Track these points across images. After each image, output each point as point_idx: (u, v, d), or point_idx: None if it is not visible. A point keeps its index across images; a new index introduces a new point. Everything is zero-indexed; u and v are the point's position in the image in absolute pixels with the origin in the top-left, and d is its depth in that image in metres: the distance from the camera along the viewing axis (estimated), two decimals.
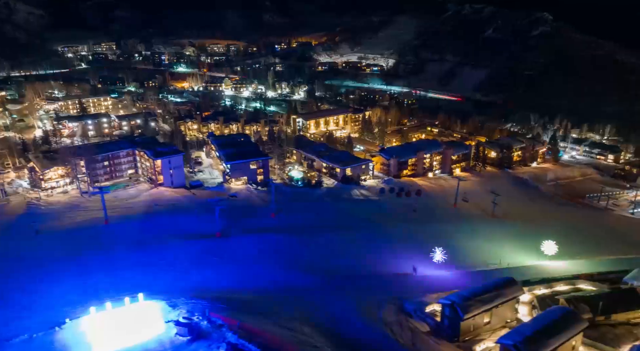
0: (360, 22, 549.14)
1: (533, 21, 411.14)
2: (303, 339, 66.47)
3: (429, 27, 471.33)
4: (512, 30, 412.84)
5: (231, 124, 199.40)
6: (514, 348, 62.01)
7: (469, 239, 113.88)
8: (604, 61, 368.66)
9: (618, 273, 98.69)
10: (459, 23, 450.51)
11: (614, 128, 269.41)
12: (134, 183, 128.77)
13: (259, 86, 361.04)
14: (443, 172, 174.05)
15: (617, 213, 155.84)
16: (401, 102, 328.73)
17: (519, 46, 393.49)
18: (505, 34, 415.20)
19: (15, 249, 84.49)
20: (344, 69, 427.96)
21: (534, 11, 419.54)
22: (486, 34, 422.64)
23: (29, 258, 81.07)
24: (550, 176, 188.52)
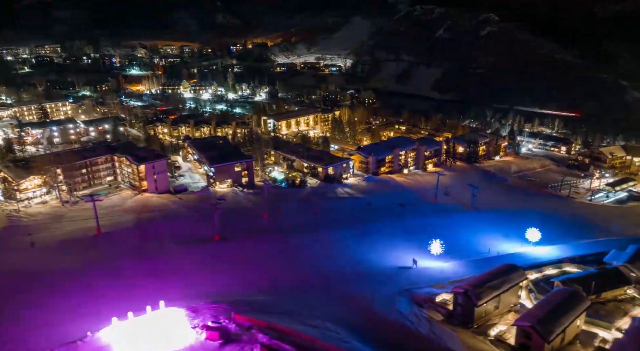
0: (315, 22, 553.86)
1: (481, 22, 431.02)
2: (330, 335, 67.53)
3: (383, 27, 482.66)
4: (462, 31, 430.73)
5: (202, 127, 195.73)
6: (532, 329, 66.15)
7: (455, 231, 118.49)
8: (546, 60, 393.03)
9: (596, 254, 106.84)
10: (411, 23, 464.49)
11: (562, 122, 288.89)
12: (115, 190, 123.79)
13: (218, 88, 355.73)
14: (417, 168, 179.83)
15: (578, 200, 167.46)
16: (362, 101, 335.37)
17: (469, 46, 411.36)
18: (455, 34, 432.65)
19: (12, 263, 79.52)
20: (302, 69, 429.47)
21: (480, 12, 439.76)
22: (437, 34, 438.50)
23: (30, 272, 76.72)
24: (514, 168, 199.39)
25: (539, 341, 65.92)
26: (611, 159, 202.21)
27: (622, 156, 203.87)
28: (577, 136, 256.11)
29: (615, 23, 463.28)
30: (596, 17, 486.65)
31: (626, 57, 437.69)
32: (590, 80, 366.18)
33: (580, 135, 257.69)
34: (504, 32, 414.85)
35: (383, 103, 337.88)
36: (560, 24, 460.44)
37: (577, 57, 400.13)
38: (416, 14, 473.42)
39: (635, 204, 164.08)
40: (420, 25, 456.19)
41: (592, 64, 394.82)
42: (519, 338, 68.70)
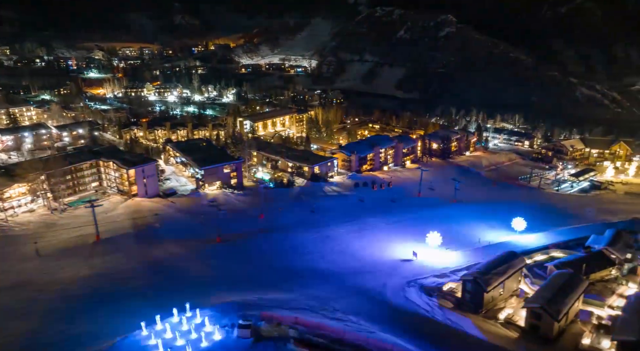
0: (275, 24, 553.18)
1: (439, 23, 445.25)
2: (356, 327, 69.71)
3: (344, 28, 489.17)
4: (421, 31, 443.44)
5: (179, 129, 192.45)
6: (542, 310, 70.95)
7: (445, 223, 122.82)
8: (501, 58, 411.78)
9: (577, 240, 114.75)
10: (373, 24, 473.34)
11: (521, 117, 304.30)
12: (104, 196, 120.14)
13: (184, 90, 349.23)
14: (396, 165, 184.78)
15: (547, 190, 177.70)
16: (331, 101, 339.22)
17: (429, 46, 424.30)
18: (415, 34, 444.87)
19: (23, 273, 76.62)
20: (268, 70, 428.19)
21: (438, 13, 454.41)
22: (399, 35, 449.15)
23: (43, 282, 74.39)
24: (485, 162, 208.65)
25: (549, 321, 70.83)
26: (572, 151, 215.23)
27: (582, 148, 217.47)
28: (536, 131, 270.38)
29: (560, 24, 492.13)
30: (543, 18, 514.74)
31: (571, 56, 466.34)
32: (542, 78, 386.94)
33: (539, 130, 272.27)
34: (461, 32, 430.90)
35: (351, 103, 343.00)
36: (512, 25, 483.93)
37: (529, 56, 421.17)
38: (377, 15, 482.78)
39: (598, 192, 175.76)
40: (381, 26, 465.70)
41: (543, 62, 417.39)
42: (529, 319, 73.42)
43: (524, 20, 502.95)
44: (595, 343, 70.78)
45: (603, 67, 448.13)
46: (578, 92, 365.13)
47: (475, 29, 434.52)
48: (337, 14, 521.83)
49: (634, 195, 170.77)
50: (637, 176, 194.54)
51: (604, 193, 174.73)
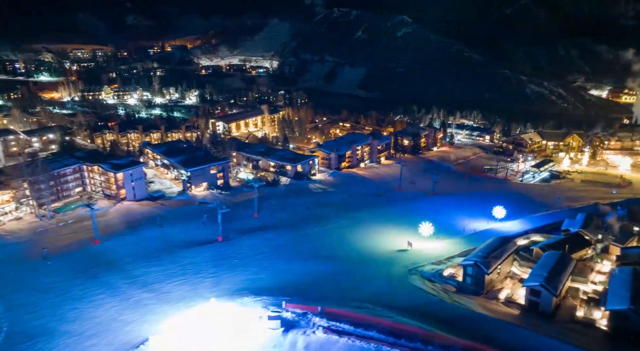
0: (233, 24, 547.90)
1: (395, 23, 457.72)
2: (374, 312, 73.19)
3: (303, 29, 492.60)
4: (379, 32, 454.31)
5: (152, 132, 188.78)
6: (541, 287, 77.30)
7: (430, 215, 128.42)
8: (456, 58, 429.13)
9: (552, 224, 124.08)
10: (331, 25, 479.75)
11: (479, 114, 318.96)
12: (91, 201, 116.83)
13: (144, 93, 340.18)
14: (371, 161, 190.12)
15: (514, 181, 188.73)
16: (295, 102, 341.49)
17: (388, 46, 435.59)
18: (373, 35, 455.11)
19: (34, 279, 74.36)
20: (229, 71, 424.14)
21: (394, 14, 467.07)
22: (357, 36, 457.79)
23: (54, 287, 72.64)
24: (452, 157, 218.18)
25: (548, 297, 77.26)
26: (530, 144, 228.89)
27: (539, 141, 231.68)
28: (495, 126, 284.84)
29: (507, 25, 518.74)
30: (491, 19, 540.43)
31: (519, 55, 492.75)
32: (495, 76, 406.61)
33: (497, 125, 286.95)
34: (417, 33, 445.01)
35: (315, 103, 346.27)
36: (462, 26, 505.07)
37: (481, 56, 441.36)
38: (334, 16, 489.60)
39: (558, 181, 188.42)
40: (339, 27, 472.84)
41: (494, 61, 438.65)
42: (529, 296, 79.60)
43: (472, 21, 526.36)
44: (588, 314, 77.99)
45: (548, 66, 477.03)
46: (528, 89, 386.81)
47: (430, 30, 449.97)
48: (295, 14, 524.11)
49: (589, 183, 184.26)
50: (590, 165, 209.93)
51: (563, 182, 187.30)
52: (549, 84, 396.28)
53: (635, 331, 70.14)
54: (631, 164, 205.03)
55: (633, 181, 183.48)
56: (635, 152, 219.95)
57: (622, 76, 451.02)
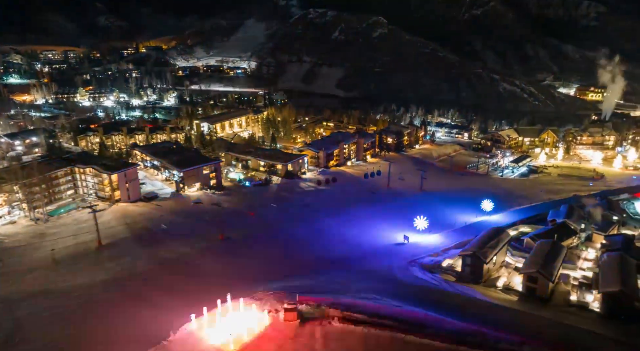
0: (207, 25, 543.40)
1: (371, 24, 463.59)
2: (383, 302, 75.74)
3: (279, 30, 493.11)
4: (355, 33, 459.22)
5: (136, 134, 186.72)
6: (538, 273, 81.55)
7: (422, 210, 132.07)
8: (432, 58, 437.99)
9: (537, 216, 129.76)
10: (307, 26, 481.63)
11: (456, 112, 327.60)
12: (85, 203, 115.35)
13: (120, 95, 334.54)
14: (358, 159, 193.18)
15: (494, 176, 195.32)
16: (274, 101, 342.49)
17: (364, 46, 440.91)
18: (349, 35, 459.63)
19: (38, 282, 73.47)
20: (206, 72, 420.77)
21: (370, 15, 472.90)
22: (334, 36, 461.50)
23: (65, 289, 72.09)
24: (435, 154, 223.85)
25: (544, 283, 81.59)
26: (508, 140, 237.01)
27: (516, 138, 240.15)
28: (473, 123, 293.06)
29: (477, 26, 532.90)
30: (462, 20, 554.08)
31: (490, 55, 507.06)
32: (469, 75, 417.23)
33: (475, 122, 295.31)
34: (392, 33, 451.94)
35: (295, 103, 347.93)
36: (436, 26, 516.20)
37: (455, 55, 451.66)
38: (310, 17, 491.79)
39: (536, 175, 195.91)
40: (316, 28, 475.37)
41: (468, 61, 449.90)
42: (526, 283, 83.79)
43: (444, 22, 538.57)
44: (581, 298, 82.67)
45: (518, 65, 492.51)
46: (501, 88, 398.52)
47: (405, 30, 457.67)
48: (270, 15, 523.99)
49: (565, 176, 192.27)
50: (564, 160, 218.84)
51: (541, 176, 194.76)
52: (520, 83, 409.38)
53: (625, 311, 75.10)
54: (602, 158, 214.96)
55: (605, 174, 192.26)
56: (606, 146, 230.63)
57: (588, 75, 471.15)
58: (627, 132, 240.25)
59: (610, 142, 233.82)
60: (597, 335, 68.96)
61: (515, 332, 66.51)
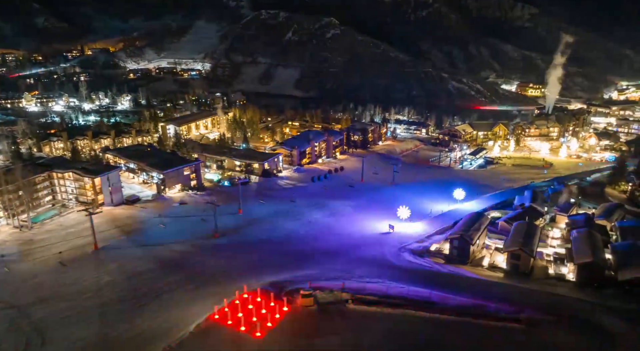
0: (154, 27, 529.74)
1: (323, 25, 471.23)
2: (386, 284, 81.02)
3: (231, 31, 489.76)
4: (309, 33, 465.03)
5: (102, 138, 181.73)
6: (521, 250, 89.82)
7: (398, 201, 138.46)
8: (384, 57, 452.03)
9: (504, 202, 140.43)
10: (260, 27, 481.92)
11: (411, 109, 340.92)
12: (71, 210, 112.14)
13: (70, 99, 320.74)
14: (328, 157, 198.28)
15: (456, 168, 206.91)
16: (233, 102, 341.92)
17: (318, 47, 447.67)
18: (303, 36, 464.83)
19: (44, 287, 72.26)
20: (159, 75, 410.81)
21: (322, 16, 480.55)
22: (287, 37, 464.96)
23: (74, 292, 71.64)
24: (398, 149, 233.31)
25: (526, 259, 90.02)
26: (464, 135, 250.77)
27: (471, 132, 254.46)
28: (429, 120, 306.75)
29: (424, 27, 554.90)
30: (409, 21, 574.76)
31: (437, 54, 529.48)
32: (419, 74, 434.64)
33: (430, 119, 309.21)
34: (345, 34, 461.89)
35: (253, 103, 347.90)
36: (385, 27, 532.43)
37: (406, 55, 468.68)
38: (262, 17, 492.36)
39: (493, 166, 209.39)
40: (269, 29, 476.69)
41: (418, 61, 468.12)
42: (510, 260, 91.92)
43: (393, 23, 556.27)
44: (558, 270, 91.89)
45: (463, 63, 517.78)
46: (450, 86, 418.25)
47: (357, 31, 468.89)
48: (221, 16, 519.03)
49: (519, 166, 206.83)
50: (516, 151, 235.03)
51: (497, 167, 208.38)
52: (467, 81, 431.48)
53: (597, 279, 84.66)
54: (549, 148, 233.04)
55: (553, 162, 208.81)
56: (551, 138, 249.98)
57: (526, 72, 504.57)
58: (568, 124, 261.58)
59: (555, 133, 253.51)
60: (578, 299, 77.68)
61: (510, 303, 73.81)
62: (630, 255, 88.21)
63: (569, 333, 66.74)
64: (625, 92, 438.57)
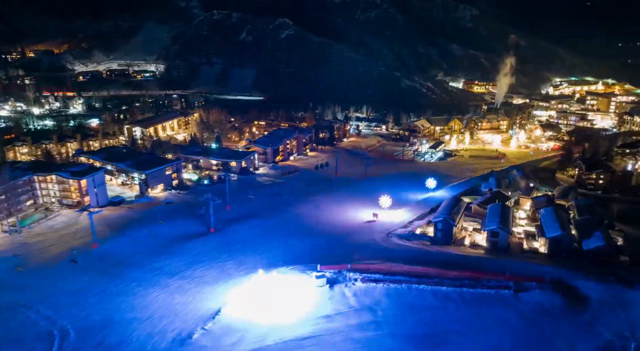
0: (100, 28, 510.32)
1: (277, 26, 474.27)
2: (387, 264, 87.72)
3: (184, 32, 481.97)
4: (263, 34, 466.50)
5: (68, 141, 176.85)
6: (499, 229, 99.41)
7: (375, 192, 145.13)
8: (338, 57, 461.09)
9: (472, 188, 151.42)
10: (213, 27, 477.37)
11: (369, 107, 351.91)
12: (57, 212, 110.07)
13: (17, 103, 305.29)
14: (299, 154, 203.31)
15: (420, 161, 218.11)
16: (192, 104, 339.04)
17: (274, 47, 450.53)
18: (257, 37, 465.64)
19: (62, 282, 72.82)
20: (110, 77, 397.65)
21: (275, 17, 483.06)
22: (241, 38, 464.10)
23: (86, 287, 73.23)
24: (363, 146, 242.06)
25: (504, 236, 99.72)
26: (423, 130, 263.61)
27: (429, 127, 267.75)
28: (388, 116, 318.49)
29: (373, 27, 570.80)
30: (359, 21, 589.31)
31: (387, 53, 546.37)
32: (373, 73, 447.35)
33: (387, 115, 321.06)
34: (299, 35, 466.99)
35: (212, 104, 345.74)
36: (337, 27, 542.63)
37: (359, 55, 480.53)
38: (215, 18, 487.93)
39: (452, 158, 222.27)
40: (222, 30, 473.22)
41: (370, 60, 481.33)
42: (489, 238, 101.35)
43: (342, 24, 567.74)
44: (530, 245, 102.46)
45: (412, 63, 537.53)
46: (403, 84, 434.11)
47: (310, 31, 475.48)
48: (171, 17, 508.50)
49: (476, 157, 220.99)
50: (471, 143, 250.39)
51: (456, 158, 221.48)
52: (418, 79, 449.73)
53: (566, 249, 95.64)
54: (501, 140, 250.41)
55: (506, 153, 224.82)
56: (501, 130, 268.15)
57: (471, 70, 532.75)
58: (515, 117, 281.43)
59: (504, 126, 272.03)
60: (553, 268, 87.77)
61: (498, 273, 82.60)
62: (590, 228, 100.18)
63: (551, 294, 76.34)
64: (559, 87, 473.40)
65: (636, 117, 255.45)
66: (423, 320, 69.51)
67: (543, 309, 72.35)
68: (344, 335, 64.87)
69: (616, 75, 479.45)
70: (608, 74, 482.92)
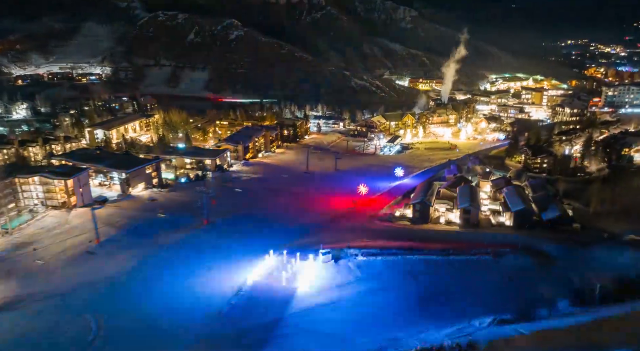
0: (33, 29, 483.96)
1: (226, 27, 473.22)
2: (380, 241, 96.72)
3: (127, 33, 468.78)
4: (211, 35, 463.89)
5: (30, 146, 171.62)
6: (470, 206, 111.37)
7: (350, 182, 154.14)
8: (289, 58, 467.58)
9: (434, 176, 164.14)
10: (159, 29, 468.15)
11: (324, 105, 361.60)
12: (44, 214, 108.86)
13: None
14: (267, 151, 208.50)
15: (380, 154, 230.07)
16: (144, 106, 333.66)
17: (223, 48, 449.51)
18: (206, 38, 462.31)
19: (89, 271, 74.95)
20: (52, 80, 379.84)
21: (222, 18, 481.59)
22: (189, 39, 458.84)
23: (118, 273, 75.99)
24: (325, 142, 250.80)
25: (475, 213, 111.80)
26: (379, 125, 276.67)
27: (385, 122, 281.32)
28: (344, 113, 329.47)
29: (318, 28, 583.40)
30: (304, 22, 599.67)
31: (333, 54, 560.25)
32: (324, 72, 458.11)
33: (344, 112, 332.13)
34: (249, 36, 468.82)
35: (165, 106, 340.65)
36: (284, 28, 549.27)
37: (310, 55, 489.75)
38: (160, 19, 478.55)
39: (409, 151, 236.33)
40: (168, 31, 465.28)
41: (319, 60, 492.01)
42: (462, 215, 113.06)
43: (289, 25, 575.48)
44: (497, 220, 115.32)
45: (358, 62, 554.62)
46: (353, 83, 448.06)
47: (259, 32, 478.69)
48: (112, 18, 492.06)
49: (431, 149, 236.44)
50: (425, 137, 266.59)
51: (413, 151, 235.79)
52: (367, 78, 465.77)
53: (529, 221, 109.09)
54: (451, 133, 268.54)
55: (457, 144, 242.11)
56: (450, 124, 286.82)
57: (415, 68, 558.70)
58: (462, 112, 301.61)
59: (452, 120, 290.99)
60: (520, 236, 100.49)
61: (477, 243, 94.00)
62: (546, 202, 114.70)
63: (524, 257, 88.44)
64: (495, 84, 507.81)
65: (567, 108, 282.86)
66: (422, 283, 78.97)
67: (520, 268, 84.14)
68: (357, 299, 72.85)
69: (542, 72, 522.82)
70: (536, 71, 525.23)
